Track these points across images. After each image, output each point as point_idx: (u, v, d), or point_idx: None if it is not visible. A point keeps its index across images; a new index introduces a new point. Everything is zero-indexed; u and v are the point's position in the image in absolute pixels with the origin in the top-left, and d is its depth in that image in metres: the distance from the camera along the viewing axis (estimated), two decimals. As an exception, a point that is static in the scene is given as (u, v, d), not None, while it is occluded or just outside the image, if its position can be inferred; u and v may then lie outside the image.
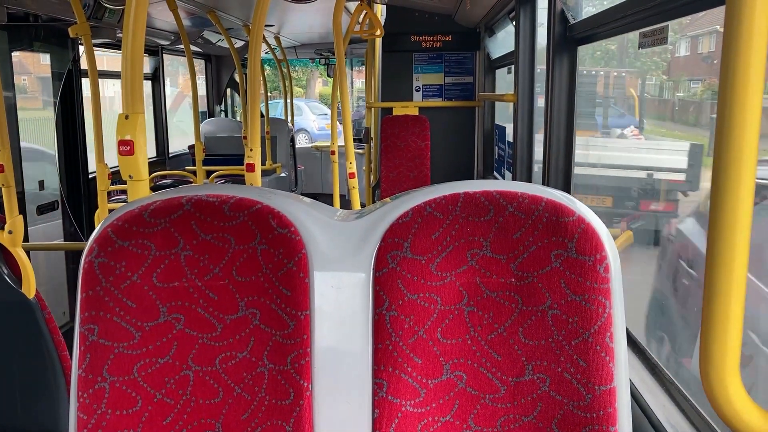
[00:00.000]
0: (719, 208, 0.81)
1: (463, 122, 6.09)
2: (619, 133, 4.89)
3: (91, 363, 1.27)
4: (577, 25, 2.62)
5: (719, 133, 0.81)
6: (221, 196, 1.29)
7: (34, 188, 4.72)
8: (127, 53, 1.66)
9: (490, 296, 1.26)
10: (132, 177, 1.69)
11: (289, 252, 1.27)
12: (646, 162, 4.09)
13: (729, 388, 0.83)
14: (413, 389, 1.25)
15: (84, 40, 3.73)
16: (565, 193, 1.26)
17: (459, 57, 6.06)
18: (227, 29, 6.24)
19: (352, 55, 10.25)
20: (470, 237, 1.25)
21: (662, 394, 1.60)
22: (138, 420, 1.28)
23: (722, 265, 0.81)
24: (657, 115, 4.41)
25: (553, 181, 2.74)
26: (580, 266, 1.20)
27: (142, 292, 1.28)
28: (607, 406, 1.20)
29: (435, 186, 1.28)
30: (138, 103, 1.67)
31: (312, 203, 1.36)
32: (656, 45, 1.87)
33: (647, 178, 3.87)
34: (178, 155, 8.11)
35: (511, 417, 1.25)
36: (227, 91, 9.75)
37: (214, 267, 1.29)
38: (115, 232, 1.27)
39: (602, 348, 1.20)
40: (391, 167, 5.98)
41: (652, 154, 4.26)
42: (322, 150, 10.17)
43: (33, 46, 4.78)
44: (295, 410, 1.26)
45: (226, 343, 1.30)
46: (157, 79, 7.49)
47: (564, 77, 2.67)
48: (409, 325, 1.25)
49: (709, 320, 0.83)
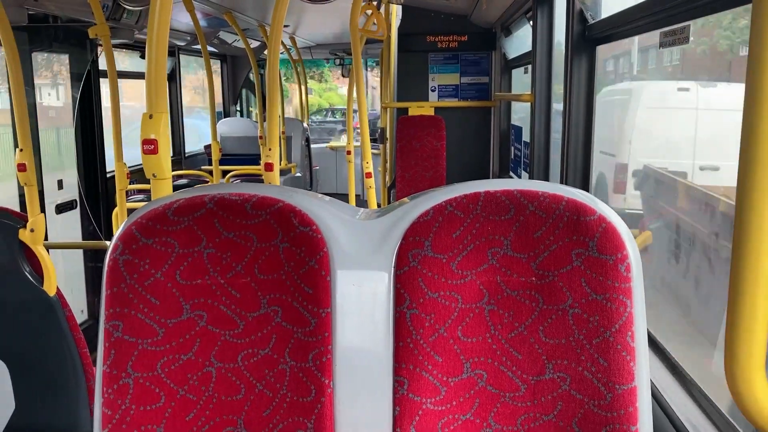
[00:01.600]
0: (745, 204, 0.81)
1: (478, 122, 6.08)
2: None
3: (116, 359, 1.28)
4: (596, 25, 2.61)
5: (744, 135, 0.81)
6: (243, 195, 1.30)
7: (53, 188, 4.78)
8: (152, 54, 1.67)
9: (510, 295, 1.26)
10: (156, 176, 1.71)
11: (310, 250, 1.28)
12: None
13: (755, 386, 0.83)
14: (434, 387, 1.26)
15: (103, 40, 3.77)
16: (585, 192, 1.26)
17: (475, 57, 6.06)
18: (243, 30, 6.27)
19: (367, 55, 10.26)
20: (491, 236, 1.25)
21: (683, 393, 1.60)
22: (161, 415, 1.29)
23: (748, 261, 0.81)
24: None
25: (571, 181, 2.74)
26: (601, 265, 1.20)
27: (165, 289, 1.29)
28: (627, 406, 1.20)
29: (455, 185, 1.29)
30: (161, 103, 1.69)
31: (333, 202, 1.36)
32: (677, 44, 1.86)
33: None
34: (193, 155, 8.15)
35: (531, 416, 1.25)
36: (242, 92, 9.79)
37: (237, 265, 1.30)
38: (140, 230, 1.28)
39: (623, 347, 1.20)
40: (407, 167, 5.97)
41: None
42: (338, 150, 10.18)
43: (53, 47, 4.83)
44: (317, 407, 1.27)
45: (248, 340, 1.31)
46: (174, 79, 7.54)
47: (583, 77, 2.66)
48: (429, 323, 1.25)
49: (735, 317, 0.83)
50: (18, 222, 2.61)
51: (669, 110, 4.93)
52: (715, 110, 4.34)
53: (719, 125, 4.10)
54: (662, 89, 5.01)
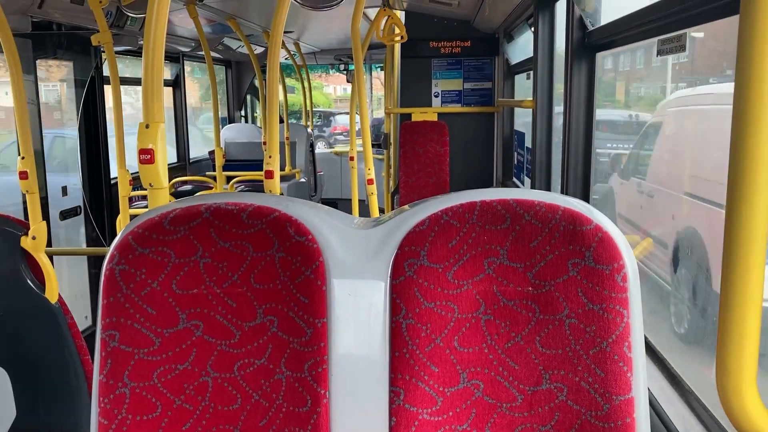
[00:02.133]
0: (734, 217, 0.80)
1: (482, 128, 6.08)
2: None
3: (112, 368, 1.28)
4: (596, 32, 2.61)
5: (734, 144, 0.80)
6: (239, 204, 1.30)
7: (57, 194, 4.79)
8: (149, 62, 1.68)
9: (507, 305, 1.25)
10: (152, 185, 1.72)
11: (306, 260, 1.28)
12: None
13: (745, 399, 0.82)
14: (430, 397, 1.26)
15: (106, 48, 3.78)
16: (582, 201, 1.25)
17: (478, 63, 6.06)
18: (247, 36, 6.29)
19: (371, 60, 10.27)
20: (487, 245, 1.25)
21: (681, 403, 1.59)
22: (158, 425, 1.29)
23: (738, 274, 0.81)
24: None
25: (572, 189, 2.73)
26: (598, 275, 1.20)
27: (161, 298, 1.29)
28: (625, 416, 1.20)
29: (451, 194, 1.29)
30: (159, 113, 1.69)
31: (329, 211, 1.37)
32: (675, 52, 1.86)
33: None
34: (198, 161, 8.17)
35: (528, 426, 1.25)
36: (247, 97, 9.82)
37: (233, 274, 1.30)
38: (136, 240, 1.29)
39: (620, 357, 1.20)
40: (410, 173, 5.97)
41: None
42: (342, 155, 10.19)
43: (56, 54, 4.85)
44: (313, 417, 1.27)
45: (244, 350, 1.31)
46: (178, 85, 7.56)
47: (583, 83, 2.66)
48: (425, 333, 1.25)
49: (726, 330, 0.82)
50: (20, 229, 2.62)
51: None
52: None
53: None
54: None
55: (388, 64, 6.38)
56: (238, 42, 7.28)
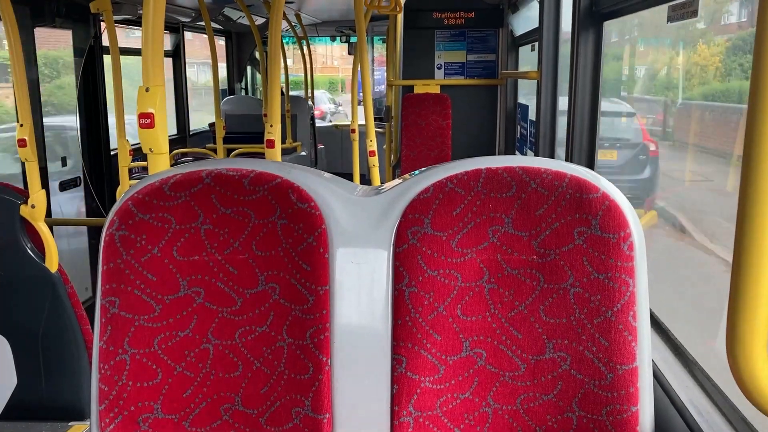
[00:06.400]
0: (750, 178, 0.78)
1: (485, 100, 6.02)
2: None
3: (112, 335, 1.28)
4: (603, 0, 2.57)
5: (749, 132, 0.78)
6: (241, 170, 1.28)
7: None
8: (148, 26, 1.65)
9: (511, 273, 1.24)
10: (152, 150, 1.69)
11: (308, 227, 1.26)
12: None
13: (756, 367, 0.81)
14: (432, 365, 1.25)
15: (105, 15, 3.73)
16: (588, 169, 1.23)
17: (482, 34, 5.98)
18: (248, 6, 6.22)
19: (373, 32, 10.16)
20: (492, 213, 1.23)
21: (685, 374, 1.58)
22: (158, 392, 1.29)
23: (751, 241, 0.79)
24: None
25: (576, 158, 2.71)
26: (604, 244, 1.19)
27: (162, 265, 1.28)
28: (628, 386, 1.19)
29: (456, 162, 1.27)
30: (158, 76, 1.67)
31: (332, 178, 1.35)
32: (686, 18, 1.82)
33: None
34: (198, 133, 8.13)
35: (530, 395, 1.24)
36: (248, 69, 9.73)
37: (234, 241, 1.29)
38: (136, 205, 1.27)
39: (625, 327, 1.19)
40: (412, 146, 5.94)
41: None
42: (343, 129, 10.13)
43: (55, 22, 4.79)
44: (314, 384, 1.26)
45: (245, 317, 1.30)
46: (178, 56, 7.49)
47: (589, 53, 2.62)
48: (428, 301, 1.24)
49: (737, 297, 0.81)
50: (19, 198, 2.60)
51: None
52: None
53: None
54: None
55: (390, 36, 6.31)
56: (238, 12, 7.19)
